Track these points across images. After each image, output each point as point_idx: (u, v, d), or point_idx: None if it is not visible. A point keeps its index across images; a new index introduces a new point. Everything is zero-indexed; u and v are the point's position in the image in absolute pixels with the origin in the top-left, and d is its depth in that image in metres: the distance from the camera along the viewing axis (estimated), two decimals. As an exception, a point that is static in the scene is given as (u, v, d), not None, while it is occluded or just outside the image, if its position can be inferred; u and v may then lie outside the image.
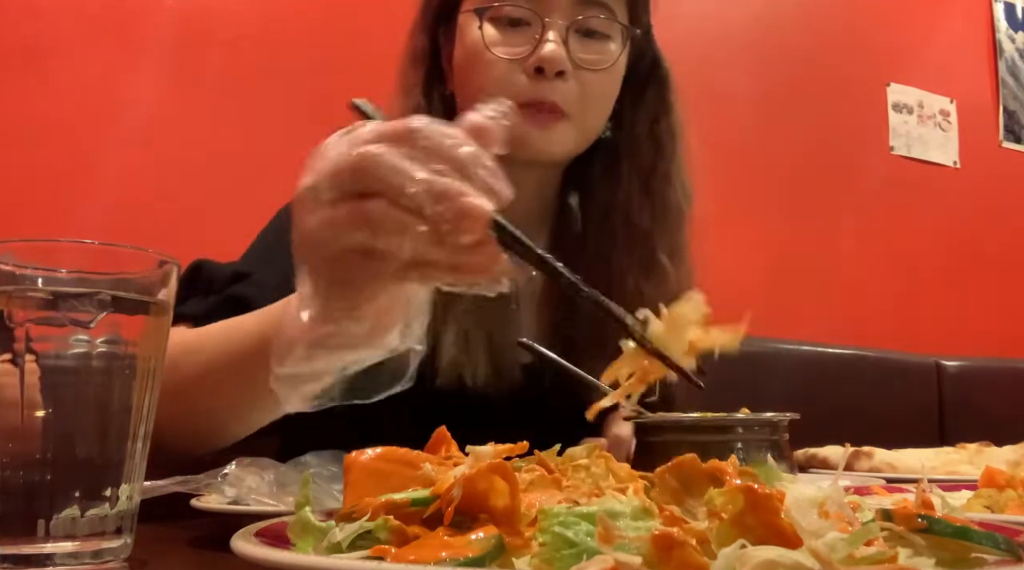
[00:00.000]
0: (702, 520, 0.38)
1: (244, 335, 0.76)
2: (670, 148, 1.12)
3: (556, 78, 0.99)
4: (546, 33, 0.99)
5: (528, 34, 1.00)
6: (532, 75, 0.99)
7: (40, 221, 1.60)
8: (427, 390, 0.95)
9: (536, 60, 0.99)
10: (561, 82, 1.00)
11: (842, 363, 2.11)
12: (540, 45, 0.99)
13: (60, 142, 1.65)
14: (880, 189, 2.65)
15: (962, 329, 2.59)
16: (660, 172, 1.11)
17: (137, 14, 1.75)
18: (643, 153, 1.11)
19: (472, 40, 1.01)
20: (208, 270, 0.94)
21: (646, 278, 1.09)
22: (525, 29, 1.01)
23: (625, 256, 1.08)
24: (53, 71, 1.66)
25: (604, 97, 1.06)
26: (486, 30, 1.00)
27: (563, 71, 0.99)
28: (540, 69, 0.99)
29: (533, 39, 1.00)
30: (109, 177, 1.68)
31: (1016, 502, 0.59)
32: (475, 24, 1.01)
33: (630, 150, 1.11)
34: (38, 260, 0.48)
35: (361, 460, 0.46)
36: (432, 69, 1.09)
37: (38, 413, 0.47)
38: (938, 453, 1.05)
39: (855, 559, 0.33)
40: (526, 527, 0.39)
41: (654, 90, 1.13)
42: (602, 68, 1.03)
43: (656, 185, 1.11)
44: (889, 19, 2.74)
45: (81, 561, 0.46)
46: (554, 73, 0.99)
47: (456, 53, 1.05)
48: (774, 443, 0.78)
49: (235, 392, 0.78)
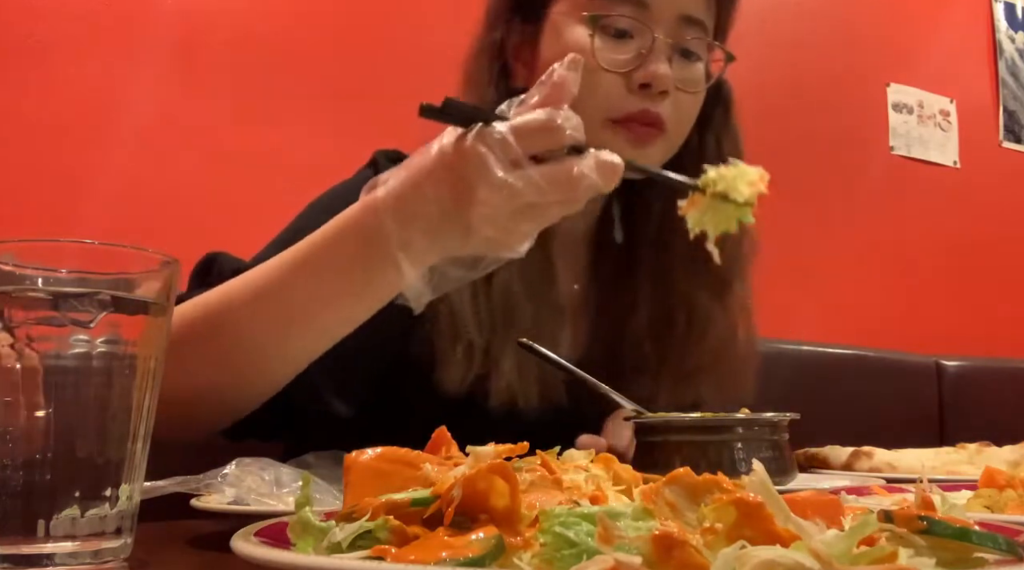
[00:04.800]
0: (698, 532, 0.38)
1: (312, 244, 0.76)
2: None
3: (658, 96, 0.99)
4: (655, 50, 0.98)
5: (632, 47, 0.99)
6: (635, 90, 0.99)
7: (40, 221, 1.59)
8: (479, 410, 0.95)
9: (645, 76, 0.98)
10: (662, 99, 0.99)
11: (842, 363, 2.11)
12: (649, 61, 0.98)
13: (60, 142, 1.65)
14: (880, 189, 2.64)
15: (962, 329, 2.59)
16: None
17: (137, 14, 1.75)
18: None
19: (575, 45, 0.99)
20: (220, 263, 0.92)
21: (714, 298, 1.08)
22: (630, 41, 0.99)
23: (690, 276, 1.08)
24: (53, 71, 1.66)
25: (691, 119, 1.06)
26: (596, 40, 0.98)
27: (666, 91, 0.99)
28: (645, 85, 0.98)
29: (639, 53, 0.99)
30: (109, 177, 1.68)
31: (1016, 502, 0.59)
32: (578, 28, 1.00)
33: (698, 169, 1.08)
34: (38, 260, 0.48)
35: (361, 460, 0.46)
36: (504, 63, 1.08)
37: (38, 413, 0.47)
38: (938, 453, 1.05)
39: (854, 557, 0.33)
40: (526, 527, 0.39)
41: (720, 111, 1.13)
42: (696, 91, 1.04)
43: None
44: (889, 19, 2.74)
45: (81, 561, 0.46)
46: (659, 91, 0.99)
47: (547, 55, 1.02)
48: (774, 443, 0.78)
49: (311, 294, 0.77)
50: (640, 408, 0.83)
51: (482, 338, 0.96)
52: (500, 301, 0.98)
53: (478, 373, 0.96)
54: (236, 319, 0.77)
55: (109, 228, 1.62)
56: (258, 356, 0.79)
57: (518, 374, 0.97)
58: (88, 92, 1.68)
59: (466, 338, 0.95)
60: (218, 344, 0.78)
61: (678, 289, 1.08)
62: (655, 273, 1.10)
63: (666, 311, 1.09)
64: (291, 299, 0.76)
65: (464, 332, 0.95)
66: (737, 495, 0.36)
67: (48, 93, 1.65)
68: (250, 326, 0.77)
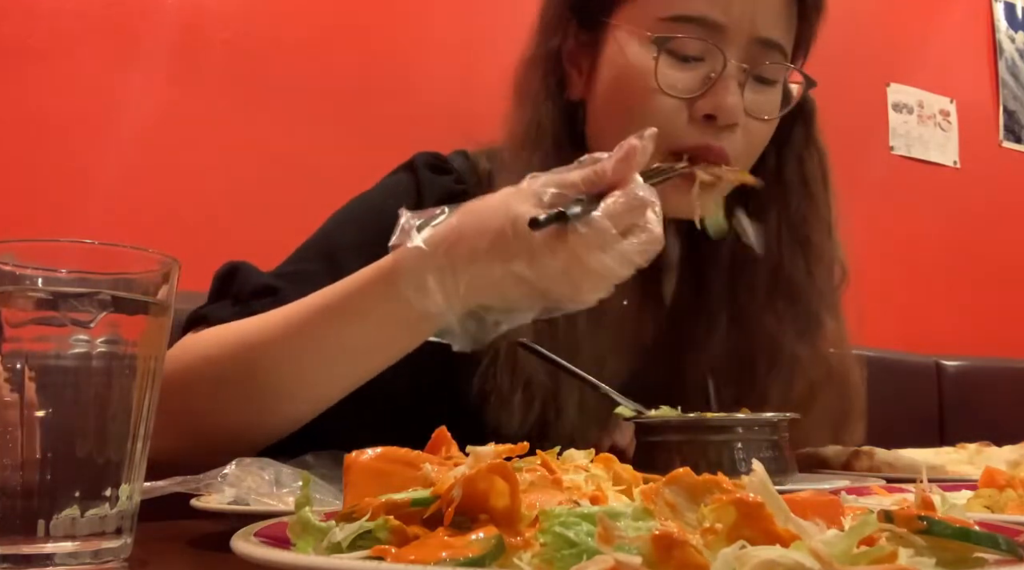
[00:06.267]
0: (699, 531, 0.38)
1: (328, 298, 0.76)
2: (823, 193, 1.03)
3: (724, 130, 0.90)
4: (725, 76, 0.89)
5: (700, 69, 0.90)
6: (699, 120, 0.90)
7: (40, 221, 1.59)
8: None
9: (711, 107, 0.89)
10: (729, 132, 0.91)
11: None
12: (717, 90, 0.89)
13: (60, 142, 1.65)
14: (880, 189, 2.64)
15: (962, 329, 2.59)
16: (814, 221, 1.02)
17: (137, 14, 1.75)
18: (793, 199, 1.01)
19: (638, 66, 0.91)
20: (242, 275, 0.89)
21: (801, 339, 0.99)
22: (698, 64, 0.91)
23: (772, 314, 0.99)
24: (53, 71, 1.66)
25: (762, 147, 0.97)
26: (660, 62, 0.90)
27: (735, 124, 0.91)
28: (710, 116, 0.90)
29: (706, 78, 0.90)
30: (109, 177, 1.68)
31: (1016, 502, 0.59)
32: (644, 48, 0.91)
33: (776, 195, 1.01)
34: (38, 260, 0.48)
35: (361, 460, 0.46)
36: (559, 73, 0.99)
37: (38, 413, 0.47)
38: (938, 453, 1.05)
39: (854, 557, 0.33)
40: (526, 527, 0.39)
41: (801, 128, 1.04)
42: (770, 118, 0.95)
43: (811, 235, 1.01)
44: (889, 19, 2.74)
45: (81, 561, 0.46)
46: (726, 124, 0.90)
47: (606, 70, 0.95)
48: (774, 443, 0.78)
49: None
50: (640, 408, 0.83)
51: (546, 376, 0.89)
52: (564, 334, 0.90)
53: (540, 416, 0.90)
54: (270, 362, 0.77)
55: (109, 228, 1.63)
56: (288, 397, 0.79)
57: (579, 413, 0.91)
58: (88, 92, 1.68)
59: (525, 377, 0.88)
60: (252, 384, 0.78)
61: (759, 325, 0.99)
62: (730, 304, 1.01)
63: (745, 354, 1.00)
64: (323, 346, 0.76)
65: (525, 371, 0.88)
66: (737, 495, 0.36)
67: (48, 93, 1.65)
68: (283, 368, 0.77)
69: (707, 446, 0.77)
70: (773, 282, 1.00)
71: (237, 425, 0.79)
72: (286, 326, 0.77)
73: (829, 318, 1.02)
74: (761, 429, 0.78)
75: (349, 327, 0.75)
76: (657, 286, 1.06)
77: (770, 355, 0.99)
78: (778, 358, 0.99)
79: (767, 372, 0.99)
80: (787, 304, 0.99)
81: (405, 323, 0.74)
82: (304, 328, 0.76)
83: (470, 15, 1.91)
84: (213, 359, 0.78)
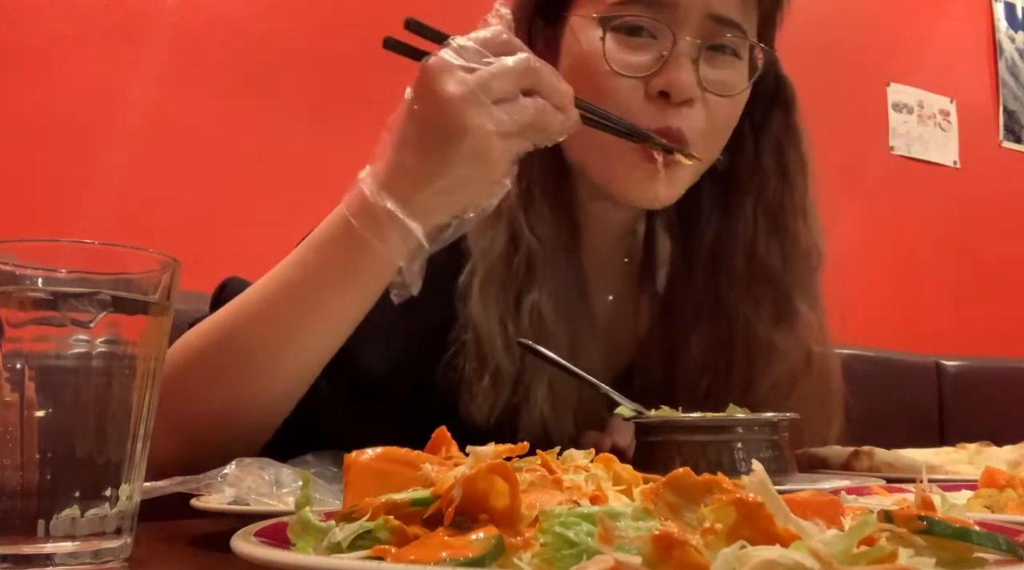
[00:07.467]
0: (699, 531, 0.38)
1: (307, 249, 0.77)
2: (801, 179, 1.01)
3: (681, 106, 0.89)
4: (676, 52, 0.88)
5: (653, 48, 0.89)
6: (654, 99, 0.89)
7: (40, 221, 1.60)
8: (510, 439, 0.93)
9: (663, 83, 0.88)
10: (687, 109, 0.89)
11: (842, 363, 2.10)
12: (668, 65, 0.88)
13: (60, 141, 1.65)
14: (880, 189, 2.65)
15: (962, 329, 2.59)
16: (790, 207, 1.00)
17: (137, 14, 1.75)
18: (770, 186, 1.00)
19: (589, 50, 0.90)
20: (231, 289, 0.88)
21: (777, 326, 0.99)
22: (650, 42, 0.89)
23: (749, 302, 0.98)
24: (53, 70, 1.66)
25: (729, 126, 0.95)
26: (608, 42, 0.89)
27: (690, 99, 0.89)
28: (665, 93, 0.88)
29: (659, 56, 0.89)
30: (109, 177, 1.68)
31: (1016, 502, 0.59)
32: (595, 32, 0.90)
33: (754, 182, 1.00)
34: (38, 260, 0.48)
35: (361, 460, 0.46)
36: None
37: (38, 413, 0.47)
38: (938, 453, 1.05)
39: (854, 557, 0.33)
40: (526, 527, 0.39)
41: (780, 113, 1.02)
42: (731, 94, 0.93)
43: (787, 221, 1.00)
44: (889, 19, 2.74)
45: (81, 561, 0.46)
46: (680, 100, 0.89)
47: (564, 61, 0.93)
48: (774, 443, 0.78)
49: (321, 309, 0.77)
50: (640, 408, 0.83)
51: (512, 366, 0.89)
52: (530, 324, 0.90)
53: (508, 403, 0.89)
54: (242, 333, 0.77)
55: (109, 228, 1.63)
56: (268, 368, 0.78)
57: (552, 404, 0.90)
58: (88, 92, 1.68)
59: (493, 365, 0.88)
60: (229, 360, 0.78)
61: (737, 316, 0.99)
62: (715, 294, 1.00)
63: (724, 343, 1.00)
64: (294, 307, 0.76)
65: (492, 359, 0.88)
66: (737, 495, 0.36)
67: (48, 92, 1.65)
68: (257, 336, 0.77)
69: (707, 446, 0.77)
70: (749, 269, 0.99)
71: (225, 411, 0.78)
72: (256, 297, 0.78)
73: (805, 306, 1.01)
74: (761, 429, 0.78)
75: (318, 284, 0.75)
76: (651, 281, 1.07)
77: (747, 342, 0.99)
78: (755, 345, 0.98)
79: (746, 359, 0.99)
80: (763, 290, 0.99)
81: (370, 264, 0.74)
82: (273, 294, 0.77)
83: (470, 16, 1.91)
84: (192, 346, 0.78)
